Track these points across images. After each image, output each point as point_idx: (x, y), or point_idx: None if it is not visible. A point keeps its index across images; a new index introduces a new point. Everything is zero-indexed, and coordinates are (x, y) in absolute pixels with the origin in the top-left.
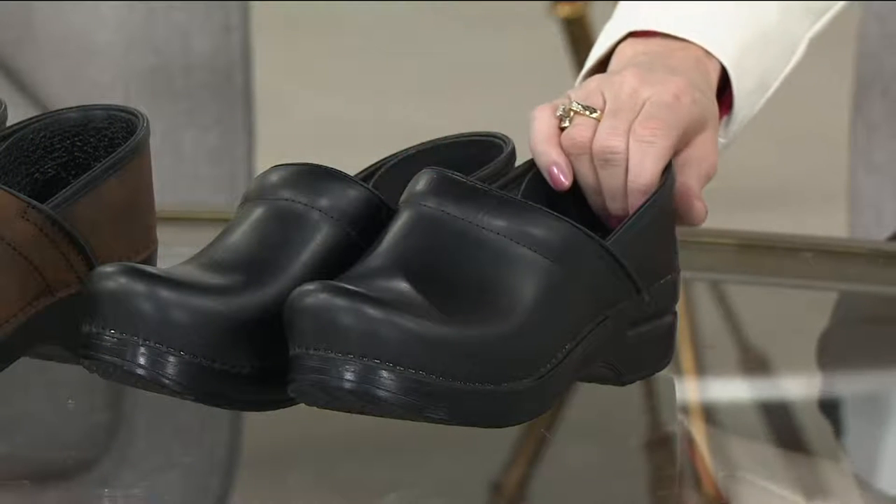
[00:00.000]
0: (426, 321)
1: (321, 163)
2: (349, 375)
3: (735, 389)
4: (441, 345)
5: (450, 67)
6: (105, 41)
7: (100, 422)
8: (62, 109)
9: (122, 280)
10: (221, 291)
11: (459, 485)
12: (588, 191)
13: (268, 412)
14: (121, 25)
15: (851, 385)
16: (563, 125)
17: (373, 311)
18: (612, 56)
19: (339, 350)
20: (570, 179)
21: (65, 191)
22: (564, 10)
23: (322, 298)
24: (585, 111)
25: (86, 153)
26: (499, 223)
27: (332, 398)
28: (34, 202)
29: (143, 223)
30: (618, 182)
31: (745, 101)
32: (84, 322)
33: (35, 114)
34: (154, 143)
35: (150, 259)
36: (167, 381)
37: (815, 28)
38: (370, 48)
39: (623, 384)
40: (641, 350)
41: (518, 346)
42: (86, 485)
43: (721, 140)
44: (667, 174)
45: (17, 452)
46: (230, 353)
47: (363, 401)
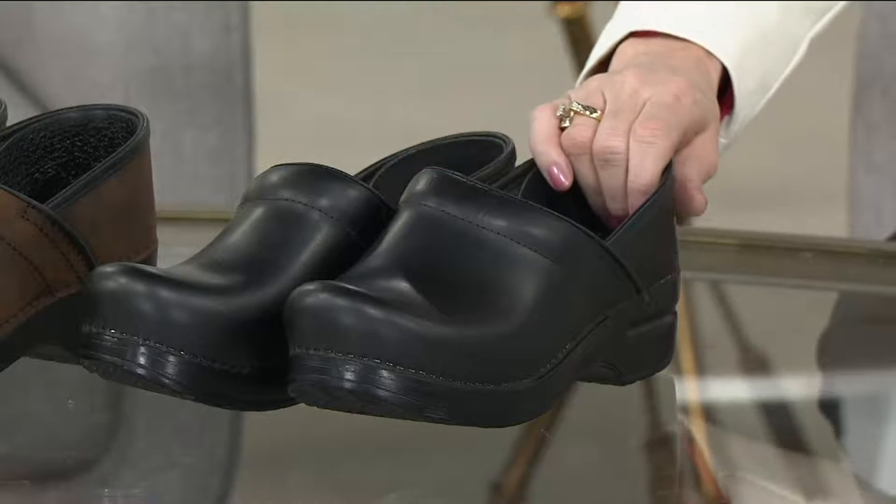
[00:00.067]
0: (426, 321)
1: (321, 163)
2: (349, 375)
3: (735, 389)
4: (441, 345)
5: (450, 67)
6: (105, 41)
7: (100, 422)
8: (62, 109)
9: (122, 280)
10: (221, 291)
11: (459, 485)
12: (588, 191)
13: (268, 412)
14: (121, 25)
15: (851, 385)
16: (564, 125)
17: (373, 311)
18: (613, 56)
19: (340, 350)
20: (570, 179)
21: (65, 191)
22: (564, 10)
23: (322, 298)
24: (586, 111)
25: (86, 153)
26: (499, 223)
27: (333, 398)
28: (34, 202)
29: (143, 223)
30: (618, 182)
31: (747, 102)
32: (84, 322)
33: (35, 114)
34: (154, 143)
35: (150, 259)
36: (167, 381)
37: (816, 28)
38: (370, 48)
39: (623, 384)
40: (641, 350)
41: (518, 346)
42: (86, 485)
43: (722, 140)
44: (667, 174)
45: (17, 452)
46: (230, 353)
47: (363, 401)
